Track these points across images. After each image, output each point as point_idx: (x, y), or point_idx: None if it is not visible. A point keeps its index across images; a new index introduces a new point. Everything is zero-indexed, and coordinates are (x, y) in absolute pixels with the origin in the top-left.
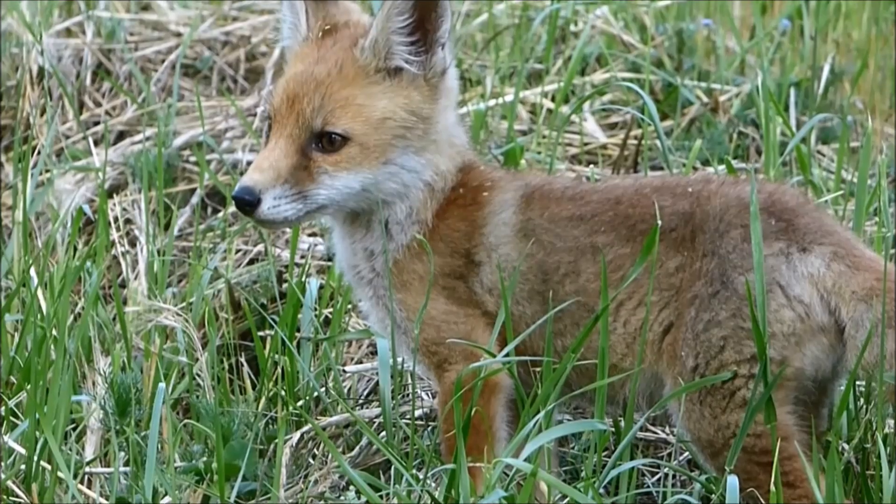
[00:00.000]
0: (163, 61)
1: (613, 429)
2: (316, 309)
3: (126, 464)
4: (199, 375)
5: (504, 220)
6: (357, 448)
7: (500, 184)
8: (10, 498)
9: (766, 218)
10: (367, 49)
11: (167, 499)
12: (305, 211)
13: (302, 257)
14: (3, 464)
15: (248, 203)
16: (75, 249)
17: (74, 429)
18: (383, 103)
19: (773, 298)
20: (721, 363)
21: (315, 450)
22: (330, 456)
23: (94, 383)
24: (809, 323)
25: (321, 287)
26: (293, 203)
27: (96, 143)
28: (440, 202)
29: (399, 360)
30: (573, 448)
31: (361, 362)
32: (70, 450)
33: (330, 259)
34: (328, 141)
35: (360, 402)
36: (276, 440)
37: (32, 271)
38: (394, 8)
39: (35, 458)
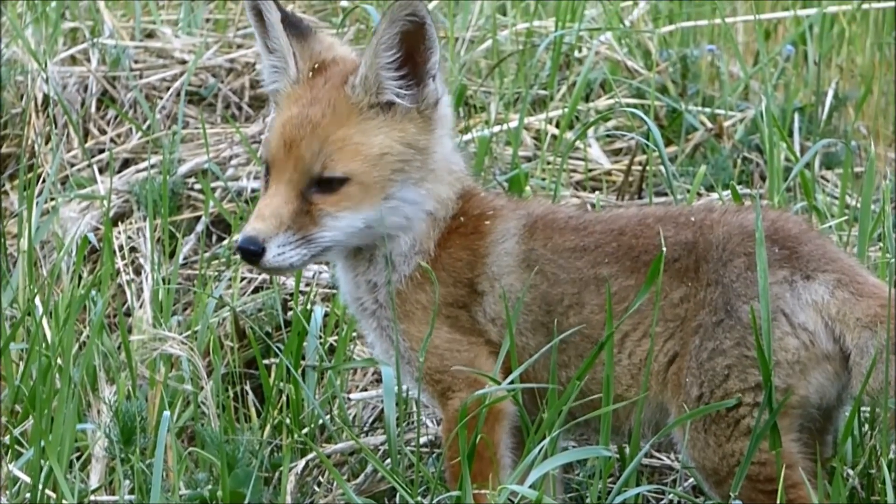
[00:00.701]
0: (167, 89)
1: (618, 455)
2: (321, 337)
3: (131, 492)
4: (203, 403)
5: (507, 249)
6: (362, 475)
7: (502, 212)
8: None
9: (769, 246)
10: (357, 86)
11: None
12: (310, 255)
13: (307, 285)
14: (8, 492)
15: (253, 253)
16: (80, 278)
17: (79, 457)
18: (380, 139)
19: (778, 326)
20: (726, 392)
21: (320, 477)
22: (335, 483)
23: (98, 412)
24: (814, 350)
25: (326, 315)
26: (298, 249)
27: (101, 171)
28: (442, 231)
29: (404, 387)
30: (578, 475)
31: (366, 390)
32: (75, 478)
33: (335, 287)
34: (328, 183)
35: (365, 429)
36: (281, 468)
37: (37, 300)
38: (381, 43)
39: (40, 487)
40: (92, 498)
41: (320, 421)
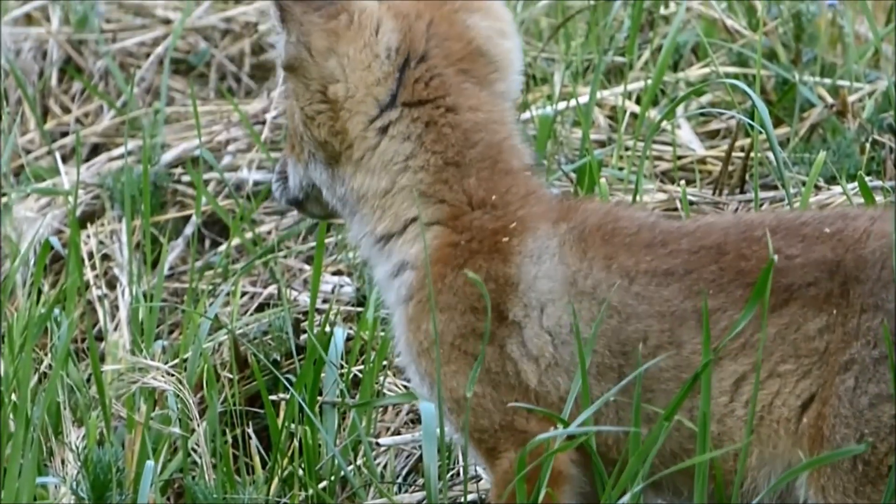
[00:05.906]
0: (147, 55)
1: None
2: (343, 366)
3: None
4: (195, 451)
5: (544, 271)
6: None
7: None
8: None
9: None
10: None
11: None
12: None
13: (324, 301)
14: None
15: None
16: (40, 293)
17: None
18: None
19: None
20: (892, 446)
21: None
22: None
23: (63, 461)
24: None
25: (349, 339)
26: None
27: (65, 160)
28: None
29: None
30: None
31: (399, 433)
32: None
33: (360, 304)
34: None
35: (399, 483)
36: None
37: None
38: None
39: None
40: None
41: (341, 472)
